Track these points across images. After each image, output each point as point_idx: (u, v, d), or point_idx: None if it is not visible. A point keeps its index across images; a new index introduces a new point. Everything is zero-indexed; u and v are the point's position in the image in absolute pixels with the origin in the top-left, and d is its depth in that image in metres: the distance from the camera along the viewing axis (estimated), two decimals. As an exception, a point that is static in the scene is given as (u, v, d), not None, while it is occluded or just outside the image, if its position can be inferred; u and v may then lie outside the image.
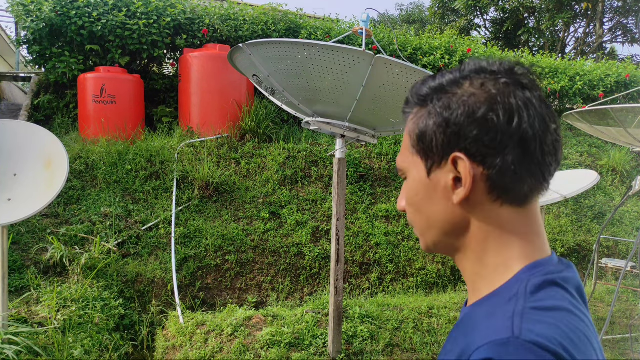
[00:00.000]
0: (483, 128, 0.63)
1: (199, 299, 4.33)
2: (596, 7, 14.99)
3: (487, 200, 0.65)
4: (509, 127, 0.62)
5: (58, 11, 5.84)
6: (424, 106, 0.70)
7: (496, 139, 0.63)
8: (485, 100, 0.64)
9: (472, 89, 0.65)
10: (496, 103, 0.63)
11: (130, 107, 5.93)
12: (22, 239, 4.29)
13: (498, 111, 0.63)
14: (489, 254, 0.67)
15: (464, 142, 0.64)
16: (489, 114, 0.63)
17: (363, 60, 2.46)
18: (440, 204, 0.69)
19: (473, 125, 0.64)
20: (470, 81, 0.66)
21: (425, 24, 22.16)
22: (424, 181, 0.70)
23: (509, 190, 0.64)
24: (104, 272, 4.08)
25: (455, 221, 0.68)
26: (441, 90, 0.68)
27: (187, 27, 6.64)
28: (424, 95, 0.71)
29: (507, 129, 0.62)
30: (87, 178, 5.13)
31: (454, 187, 0.66)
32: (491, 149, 0.63)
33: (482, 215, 0.66)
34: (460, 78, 0.68)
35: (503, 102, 0.63)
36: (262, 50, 2.70)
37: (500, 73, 0.66)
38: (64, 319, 3.29)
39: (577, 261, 6.04)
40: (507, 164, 0.63)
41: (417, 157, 0.71)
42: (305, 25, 7.33)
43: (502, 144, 0.63)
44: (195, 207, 5.08)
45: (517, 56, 8.85)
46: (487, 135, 0.63)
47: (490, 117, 0.63)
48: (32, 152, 3.24)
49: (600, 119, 3.94)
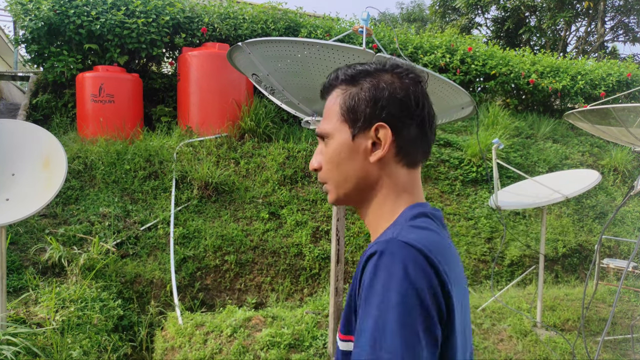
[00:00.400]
0: (401, 107, 0.88)
1: (198, 300, 4.30)
2: (597, 5, 14.95)
3: (393, 161, 0.90)
4: (417, 110, 0.89)
5: (56, 10, 5.81)
6: (354, 85, 0.91)
7: (408, 116, 0.89)
8: (402, 88, 0.89)
9: (393, 79, 0.90)
10: (410, 92, 0.89)
11: (129, 106, 5.90)
12: (21, 239, 4.26)
13: (411, 97, 0.89)
14: (387, 202, 0.92)
15: (386, 116, 0.88)
16: (405, 98, 0.88)
17: (363, 59, 2.43)
18: (359, 162, 0.91)
19: (394, 105, 0.88)
20: (391, 73, 0.91)
21: (426, 22, 22.13)
22: (348, 144, 0.91)
23: (409, 155, 0.91)
24: (103, 273, 4.06)
25: (367, 176, 0.91)
26: (370, 75, 0.91)
27: (186, 25, 6.61)
28: (353, 75, 0.92)
29: (415, 111, 0.89)
30: (86, 178, 5.11)
31: (372, 149, 0.90)
32: (403, 123, 0.89)
33: (387, 172, 0.91)
34: (382, 69, 0.91)
35: (414, 92, 0.90)
36: (262, 49, 2.67)
37: (408, 71, 0.91)
38: (62, 320, 3.27)
39: (578, 261, 6.02)
40: (411, 136, 0.90)
41: (345, 124, 0.91)
42: (305, 23, 7.30)
43: (410, 121, 0.89)
44: (194, 207, 5.06)
45: (518, 55, 8.82)
46: (402, 113, 0.88)
47: (405, 101, 0.88)
48: (31, 151, 3.22)
49: (602, 118, 3.91)
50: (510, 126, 7.52)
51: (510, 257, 5.65)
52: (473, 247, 5.57)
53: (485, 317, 4.27)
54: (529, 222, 6.17)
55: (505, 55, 8.53)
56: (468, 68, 8.08)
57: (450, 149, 6.97)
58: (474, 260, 5.48)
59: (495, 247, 5.69)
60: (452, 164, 6.66)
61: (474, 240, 5.66)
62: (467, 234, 5.72)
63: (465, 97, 2.70)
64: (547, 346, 3.87)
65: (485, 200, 6.23)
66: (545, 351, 3.81)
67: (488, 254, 5.59)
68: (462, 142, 7.03)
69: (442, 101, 2.72)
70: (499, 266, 5.58)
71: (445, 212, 5.96)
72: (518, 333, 4.01)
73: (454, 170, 6.61)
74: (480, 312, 4.34)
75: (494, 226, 5.91)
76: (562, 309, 4.58)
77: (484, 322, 4.15)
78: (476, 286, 5.27)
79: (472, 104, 2.75)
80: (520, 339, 3.95)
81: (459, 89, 2.62)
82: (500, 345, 3.90)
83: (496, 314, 4.35)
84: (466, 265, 5.36)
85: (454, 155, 6.77)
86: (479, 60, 8.10)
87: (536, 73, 8.49)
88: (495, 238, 5.81)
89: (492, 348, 3.82)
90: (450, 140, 7.08)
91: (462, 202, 6.19)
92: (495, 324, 4.17)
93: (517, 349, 3.84)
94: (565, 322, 4.39)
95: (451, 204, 6.12)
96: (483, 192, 6.39)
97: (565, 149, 7.79)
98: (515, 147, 7.30)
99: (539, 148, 7.60)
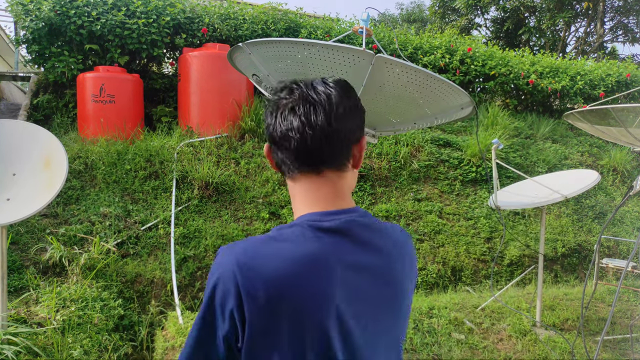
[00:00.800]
0: (266, 128, 0.97)
1: (199, 300, 4.31)
2: (597, 6, 14.97)
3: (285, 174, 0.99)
4: (267, 129, 0.97)
5: (57, 10, 5.83)
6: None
7: (268, 134, 0.96)
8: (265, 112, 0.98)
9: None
10: (266, 113, 0.98)
11: (130, 106, 5.92)
12: (21, 239, 4.27)
13: (266, 119, 0.97)
14: (294, 205, 0.97)
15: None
16: (265, 120, 0.99)
17: (363, 59, 2.44)
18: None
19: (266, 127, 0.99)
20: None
21: (425, 23, 22.13)
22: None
23: (280, 167, 0.97)
24: (103, 272, 4.07)
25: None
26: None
27: (186, 26, 6.62)
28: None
29: (267, 129, 0.97)
30: (86, 178, 5.12)
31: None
32: (269, 140, 0.97)
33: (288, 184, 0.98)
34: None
35: (265, 112, 0.98)
36: (262, 50, 2.68)
37: (274, 90, 0.97)
38: (63, 319, 3.28)
39: (577, 261, 6.03)
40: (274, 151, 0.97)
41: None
42: (305, 24, 7.32)
43: (270, 137, 0.96)
44: (195, 207, 5.07)
45: (518, 55, 8.83)
46: (266, 132, 0.97)
47: (265, 122, 0.98)
48: (31, 151, 3.23)
49: (601, 118, 3.92)
50: (509, 126, 7.54)
51: (509, 256, 5.66)
52: (472, 246, 5.58)
53: (485, 316, 4.28)
54: (529, 222, 6.18)
55: (505, 55, 8.55)
56: (467, 68, 8.09)
57: (450, 149, 6.98)
58: (474, 260, 5.49)
59: (494, 246, 5.70)
60: (452, 164, 6.67)
61: (473, 240, 5.68)
62: (466, 233, 5.73)
63: (464, 98, 2.71)
64: (547, 346, 3.88)
65: (485, 200, 6.24)
66: (544, 351, 3.82)
67: (487, 254, 5.60)
68: (462, 142, 7.04)
69: (441, 101, 2.73)
70: (498, 266, 5.59)
71: (445, 212, 5.97)
72: (517, 333, 4.02)
73: (454, 170, 6.62)
74: (480, 312, 4.35)
75: (494, 226, 5.92)
76: (562, 309, 4.59)
77: (483, 322, 4.16)
78: (476, 286, 5.28)
79: (472, 105, 2.77)
80: (520, 339, 3.96)
81: (458, 89, 2.63)
82: (500, 344, 3.91)
83: (496, 314, 4.36)
84: (466, 265, 5.38)
85: (453, 156, 6.78)
86: (478, 61, 8.11)
87: (535, 73, 8.50)
88: (495, 238, 5.82)
89: (492, 347, 3.83)
90: (450, 140, 7.10)
91: (462, 202, 6.20)
92: (494, 324, 4.18)
93: (516, 348, 3.85)
94: (565, 321, 4.40)
95: (451, 204, 6.13)
96: (482, 192, 6.40)
97: (565, 149, 7.80)
98: (515, 147, 7.31)
99: (539, 148, 7.61)
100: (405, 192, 6.13)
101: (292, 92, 0.92)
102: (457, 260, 5.37)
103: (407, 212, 5.79)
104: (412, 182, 6.29)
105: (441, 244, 5.50)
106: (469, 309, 4.38)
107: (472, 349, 3.76)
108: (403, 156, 6.40)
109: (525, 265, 5.64)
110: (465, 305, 4.47)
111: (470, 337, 3.91)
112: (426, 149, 6.75)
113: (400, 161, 6.38)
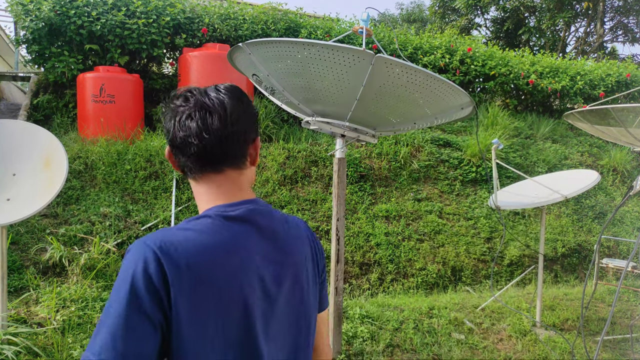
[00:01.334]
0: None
1: (199, 299, 4.31)
2: (597, 6, 14.97)
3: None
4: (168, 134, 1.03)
5: (57, 10, 5.83)
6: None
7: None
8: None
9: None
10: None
11: (130, 106, 5.92)
12: (21, 239, 4.27)
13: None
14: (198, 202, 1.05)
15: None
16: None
17: (363, 59, 2.44)
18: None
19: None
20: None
21: (425, 23, 22.14)
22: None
23: (182, 168, 1.04)
24: (103, 272, 4.07)
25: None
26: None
27: (186, 26, 6.62)
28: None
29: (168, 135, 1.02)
30: (86, 178, 5.12)
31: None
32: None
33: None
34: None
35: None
36: (262, 50, 2.68)
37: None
38: (63, 320, 3.28)
39: (577, 261, 6.03)
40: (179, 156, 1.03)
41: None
42: (305, 24, 7.32)
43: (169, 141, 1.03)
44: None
45: (518, 55, 8.83)
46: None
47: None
48: (31, 151, 3.23)
49: (601, 118, 3.92)
50: (509, 126, 7.54)
51: (509, 256, 5.66)
52: (472, 246, 5.58)
53: (485, 316, 4.28)
54: (529, 222, 6.18)
55: (505, 55, 8.55)
56: (467, 68, 8.10)
57: (450, 149, 6.98)
58: (474, 260, 5.49)
59: (494, 247, 5.70)
60: (452, 164, 6.68)
61: (473, 240, 5.68)
62: (466, 233, 5.73)
63: (464, 98, 2.71)
64: (547, 346, 3.88)
65: (485, 200, 6.24)
66: (544, 351, 3.82)
67: (487, 254, 5.60)
68: (462, 142, 7.04)
69: (441, 101, 2.73)
70: (498, 266, 5.59)
71: (444, 212, 5.97)
72: (517, 333, 4.03)
73: (454, 170, 6.62)
74: (480, 312, 4.35)
75: (494, 226, 5.92)
76: (562, 309, 4.59)
77: (483, 322, 4.17)
78: (476, 286, 5.28)
79: (472, 105, 2.77)
80: (520, 339, 3.96)
81: (458, 89, 2.64)
82: (500, 344, 3.91)
83: (496, 314, 4.36)
84: (466, 265, 5.38)
85: (453, 156, 6.78)
86: (478, 61, 8.12)
87: (535, 73, 8.50)
88: (495, 238, 5.82)
89: (492, 347, 3.83)
90: (450, 140, 7.10)
91: (462, 202, 6.20)
92: (494, 324, 4.18)
93: (516, 348, 3.85)
94: (565, 321, 4.41)
95: (451, 204, 6.14)
96: (482, 192, 6.40)
97: (565, 149, 7.80)
98: (515, 147, 7.32)
99: (538, 148, 7.61)
100: (405, 192, 6.13)
101: (187, 100, 0.99)
102: (457, 260, 5.37)
103: (407, 212, 5.79)
104: (412, 182, 6.30)
105: (441, 244, 5.50)
106: (469, 309, 4.39)
107: (472, 349, 3.76)
108: (403, 156, 6.40)
109: (525, 265, 5.64)
110: (465, 305, 4.48)
111: (470, 337, 3.91)
112: (426, 149, 6.75)
113: (400, 161, 6.38)
